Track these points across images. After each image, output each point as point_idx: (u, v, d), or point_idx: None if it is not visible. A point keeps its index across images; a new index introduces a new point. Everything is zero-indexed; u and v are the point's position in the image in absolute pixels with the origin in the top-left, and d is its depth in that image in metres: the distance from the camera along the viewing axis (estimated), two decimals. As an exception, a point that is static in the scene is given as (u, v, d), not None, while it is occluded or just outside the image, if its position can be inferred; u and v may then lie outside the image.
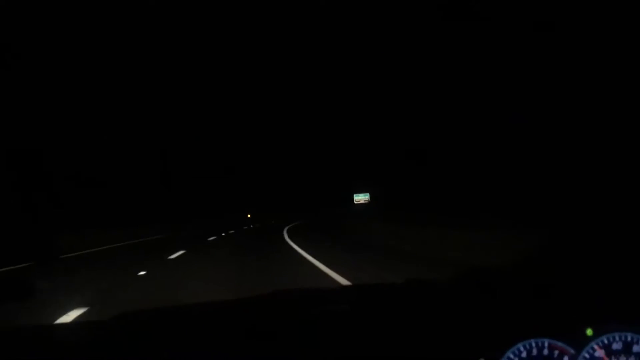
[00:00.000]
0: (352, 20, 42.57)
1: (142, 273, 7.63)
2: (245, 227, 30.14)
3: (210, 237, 18.35)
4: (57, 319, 4.20)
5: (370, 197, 43.28)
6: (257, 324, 1.46)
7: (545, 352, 1.27)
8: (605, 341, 1.30)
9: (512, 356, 1.25)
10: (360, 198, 44.11)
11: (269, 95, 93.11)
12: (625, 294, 1.54)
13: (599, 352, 1.29)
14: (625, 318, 1.33)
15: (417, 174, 31.73)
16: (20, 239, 13.31)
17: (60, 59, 29.57)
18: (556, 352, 1.27)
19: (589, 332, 1.30)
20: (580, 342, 1.29)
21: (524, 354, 1.26)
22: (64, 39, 30.76)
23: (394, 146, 39.14)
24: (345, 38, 54.25)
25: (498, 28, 22.84)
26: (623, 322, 1.31)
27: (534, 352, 1.26)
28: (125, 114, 35.30)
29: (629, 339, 1.30)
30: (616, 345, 1.30)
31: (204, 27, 56.30)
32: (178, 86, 60.00)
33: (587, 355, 1.28)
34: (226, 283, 6.42)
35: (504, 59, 23.04)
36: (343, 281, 5.96)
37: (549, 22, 19.09)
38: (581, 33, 17.10)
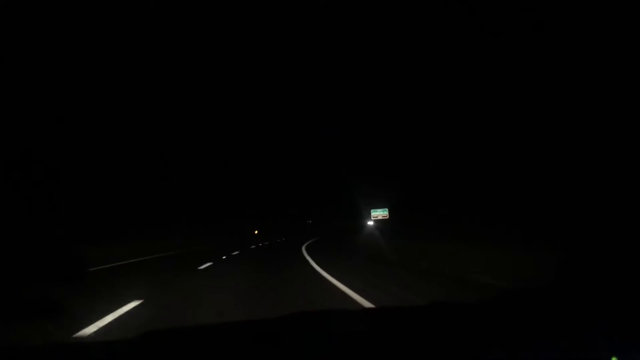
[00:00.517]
0: (352, 20, 41.51)
1: None
2: (253, 247, 24.83)
3: (202, 263, 12.34)
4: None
5: (389, 211, 40.46)
6: (280, 346, 1.48)
7: None
8: None
9: None
10: (378, 214, 41.50)
11: (271, 97, 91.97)
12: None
13: None
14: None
15: (434, 182, 30.14)
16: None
17: (61, 58, 28.93)
18: None
19: None
20: None
21: None
22: (65, 40, 30.52)
23: (408, 153, 37.42)
24: (345, 38, 53.00)
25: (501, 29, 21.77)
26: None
27: None
28: (121, 113, 34.05)
29: None
30: None
31: (203, 25, 55.53)
32: (178, 86, 59.20)
33: None
34: None
35: (511, 60, 21.75)
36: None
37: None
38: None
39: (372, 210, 42.20)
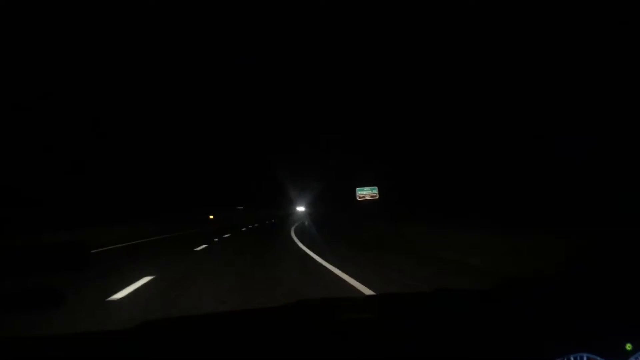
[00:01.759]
0: (352, 20, 41.46)
1: None
2: (202, 247, 13.72)
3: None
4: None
5: (379, 191, 39.27)
6: (280, 333, 1.48)
7: None
8: None
9: None
10: (365, 193, 39.39)
11: (269, 94, 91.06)
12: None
13: None
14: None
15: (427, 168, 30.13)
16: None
17: (62, 58, 29.03)
18: None
19: (628, 347, 1.27)
20: (620, 357, 1.26)
21: None
22: (65, 39, 30.21)
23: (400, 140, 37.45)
24: (345, 38, 52.78)
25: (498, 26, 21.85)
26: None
27: None
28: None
29: None
30: None
31: (202, 26, 54.37)
32: (173, 82, 58.09)
33: None
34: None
35: (505, 58, 21.84)
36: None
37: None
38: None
39: (357, 189, 40.62)
